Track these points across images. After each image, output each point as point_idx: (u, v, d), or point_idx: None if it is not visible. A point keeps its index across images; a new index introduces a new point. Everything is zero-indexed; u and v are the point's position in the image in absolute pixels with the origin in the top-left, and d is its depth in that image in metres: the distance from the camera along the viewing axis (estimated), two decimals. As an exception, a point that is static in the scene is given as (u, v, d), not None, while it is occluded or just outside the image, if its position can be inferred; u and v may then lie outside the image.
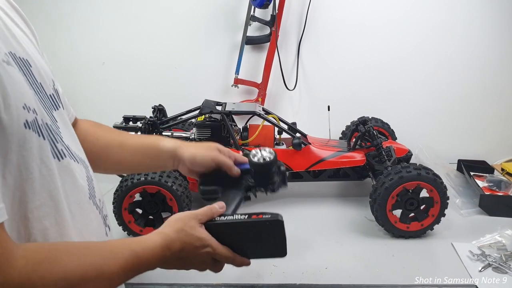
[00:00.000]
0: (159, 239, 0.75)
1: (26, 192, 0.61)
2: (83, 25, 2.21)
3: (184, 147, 0.96)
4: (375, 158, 1.82)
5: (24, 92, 0.62)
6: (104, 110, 2.12)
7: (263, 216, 0.79)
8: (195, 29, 2.21)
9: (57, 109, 0.74)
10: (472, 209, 1.81)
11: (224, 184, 0.94)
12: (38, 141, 0.62)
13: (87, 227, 0.73)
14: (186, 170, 0.96)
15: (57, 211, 0.66)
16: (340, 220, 1.75)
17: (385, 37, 2.20)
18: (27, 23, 0.78)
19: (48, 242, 0.64)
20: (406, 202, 1.58)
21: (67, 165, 0.70)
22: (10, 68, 0.60)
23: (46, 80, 0.73)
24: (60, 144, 0.69)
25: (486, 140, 2.32)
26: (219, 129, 1.78)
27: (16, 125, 0.58)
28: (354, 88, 2.27)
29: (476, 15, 2.15)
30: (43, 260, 0.58)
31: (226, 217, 0.81)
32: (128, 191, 1.54)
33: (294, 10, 2.17)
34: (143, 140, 0.99)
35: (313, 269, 1.41)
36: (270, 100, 2.26)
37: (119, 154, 0.94)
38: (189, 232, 0.77)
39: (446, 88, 2.26)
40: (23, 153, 0.60)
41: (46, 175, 0.64)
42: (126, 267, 0.67)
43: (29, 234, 0.62)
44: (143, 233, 1.57)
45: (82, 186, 0.73)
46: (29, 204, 0.61)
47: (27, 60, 0.69)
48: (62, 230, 0.67)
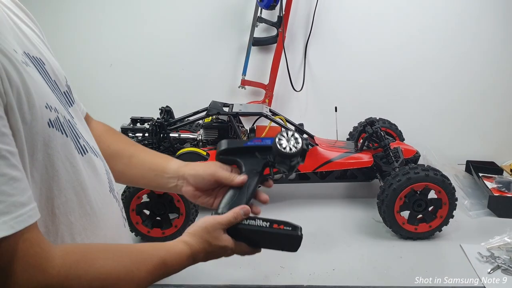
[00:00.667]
0: (186, 249, 0.77)
1: (52, 189, 0.63)
2: (91, 28, 2.23)
3: (189, 165, 0.94)
4: (382, 159, 1.82)
5: (45, 92, 0.63)
6: (112, 112, 2.13)
7: (284, 227, 0.83)
8: (202, 30, 2.21)
9: (71, 105, 0.76)
10: (480, 210, 1.80)
11: (242, 156, 0.92)
12: (61, 138, 0.64)
13: (109, 220, 0.75)
14: (190, 192, 0.93)
15: (81, 206, 0.67)
16: (347, 221, 1.74)
17: (392, 38, 2.19)
18: (34, 21, 0.79)
19: (83, 243, 0.67)
20: (414, 203, 1.57)
21: (89, 159, 0.72)
22: (29, 69, 0.62)
23: (59, 77, 0.74)
24: (81, 139, 0.71)
25: (494, 141, 2.30)
26: (226, 130, 1.78)
27: (41, 125, 0.60)
28: (361, 89, 2.26)
29: (487, 17, 2.14)
30: (79, 260, 0.60)
31: (248, 221, 0.83)
32: (135, 192, 1.54)
33: (301, 11, 2.17)
34: (153, 156, 0.98)
35: (321, 271, 1.41)
36: (277, 101, 2.26)
37: (126, 165, 0.94)
38: (213, 243, 0.80)
39: (454, 88, 2.25)
40: (49, 151, 0.61)
41: (71, 172, 0.65)
42: (154, 272, 0.70)
43: (57, 229, 0.64)
44: (150, 234, 1.58)
45: (103, 179, 0.76)
46: (56, 200, 0.63)
47: (41, 59, 0.70)
48: (86, 223, 0.68)
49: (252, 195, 0.89)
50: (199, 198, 0.93)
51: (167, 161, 0.95)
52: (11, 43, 0.61)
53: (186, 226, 1.59)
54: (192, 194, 0.93)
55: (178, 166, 0.94)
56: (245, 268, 1.40)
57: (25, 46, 0.67)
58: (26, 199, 0.55)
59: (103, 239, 0.72)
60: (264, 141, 0.91)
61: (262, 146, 0.91)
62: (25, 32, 0.70)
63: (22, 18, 0.74)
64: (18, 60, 0.59)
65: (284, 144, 0.87)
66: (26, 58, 0.64)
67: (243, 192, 0.88)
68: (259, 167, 0.90)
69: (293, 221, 0.81)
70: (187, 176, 0.92)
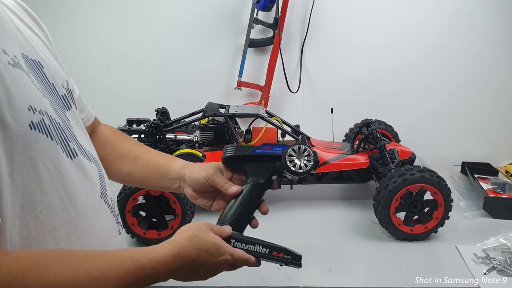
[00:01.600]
0: (169, 247, 0.70)
1: (35, 193, 0.61)
2: (86, 28, 2.22)
3: (189, 167, 0.93)
4: (378, 161, 1.82)
5: (30, 94, 0.62)
6: (108, 113, 2.11)
7: (284, 255, 0.81)
8: (198, 32, 2.21)
9: (69, 109, 0.75)
10: (476, 211, 1.80)
11: (249, 163, 0.88)
12: (45, 141, 0.63)
13: (98, 225, 0.72)
14: (189, 193, 0.92)
15: (66, 211, 0.65)
16: (343, 222, 1.74)
17: (388, 40, 2.20)
18: (39, 25, 0.79)
19: (42, 250, 0.62)
20: (410, 204, 1.57)
21: (79, 163, 0.70)
22: (16, 71, 0.61)
23: (58, 81, 0.74)
24: (72, 143, 0.70)
25: (490, 142, 2.31)
26: (222, 132, 1.78)
27: (21, 127, 0.59)
28: (357, 91, 2.27)
29: (481, 16, 2.15)
30: (30, 268, 0.56)
31: (247, 246, 0.81)
32: (131, 193, 1.54)
33: (297, 13, 2.18)
34: (158, 156, 0.98)
35: (317, 272, 1.41)
36: (273, 103, 2.26)
37: (132, 166, 0.94)
38: (202, 237, 0.74)
39: (449, 90, 2.26)
40: (30, 154, 0.60)
41: (55, 175, 0.64)
42: (128, 278, 0.63)
43: (39, 233, 0.62)
44: (146, 235, 1.57)
45: (94, 184, 0.74)
46: (38, 204, 0.62)
47: (39, 62, 0.70)
48: (71, 229, 0.66)
49: (255, 207, 0.86)
50: (198, 200, 0.93)
51: (170, 162, 0.95)
52: (1, 44, 0.61)
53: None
54: (191, 195, 0.93)
55: (180, 167, 0.93)
56: (241, 270, 1.39)
57: (24, 48, 0.67)
58: None
59: (89, 245, 0.69)
60: (274, 150, 0.87)
61: (271, 155, 0.87)
62: (25, 35, 0.71)
63: (26, 22, 0.75)
64: (3, 61, 0.59)
65: (295, 161, 0.84)
66: (20, 60, 0.63)
67: (245, 204, 0.85)
68: (266, 177, 0.87)
69: (289, 222, 0.81)
70: (185, 178, 0.92)
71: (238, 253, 0.79)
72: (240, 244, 0.81)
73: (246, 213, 0.85)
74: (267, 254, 0.81)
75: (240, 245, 0.81)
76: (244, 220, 0.85)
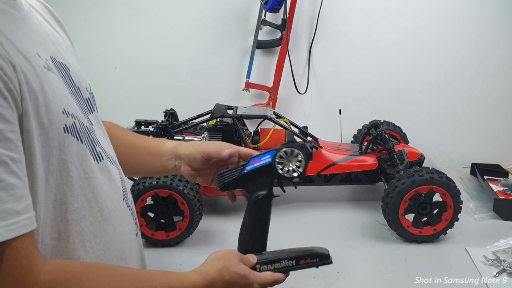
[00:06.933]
0: (200, 278, 0.70)
1: (66, 195, 0.62)
2: (95, 31, 2.23)
3: (183, 144, 0.93)
4: (387, 162, 1.81)
5: (63, 97, 0.63)
6: (116, 115, 2.12)
7: (311, 260, 0.80)
8: (206, 33, 2.22)
9: (92, 112, 0.76)
10: (486, 213, 1.79)
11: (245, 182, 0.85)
12: (76, 145, 0.64)
13: (121, 228, 0.73)
14: (188, 172, 0.91)
15: (93, 213, 0.67)
16: (351, 224, 1.74)
17: (397, 40, 2.19)
18: (63, 27, 0.80)
19: (80, 261, 0.64)
20: (418, 206, 1.57)
21: (105, 167, 0.71)
22: (50, 74, 0.62)
23: (82, 84, 0.75)
24: (98, 146, 0.71)
25: (500, 143, 2.29)
26: (230, 133, 1.78)
27: (57, 130, 0.60)
28: (365, 92, 2.26)
29: (489, 17, 2.14)
30: (68, 279, 0.57)
31: (274, 265, 0.79)
32: (140, 195, 1.55)
33: (305, 14, 2.17)
34: (149, 140, 1.00)
35: (325, 274, 1.41)
36: (281, 104, 2.26)
37: (127, 154, 0.93)
38: (232, 269, 0.74)
39: (458, 91, 2.24)
40: (63, 157, 0.61)
41: (84, 178, 0.65)
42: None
43: (68, 235, 0.63)
44: (154, 237, 1.58)
45: (117, 187, 0.75)
46: (69, 206, 0.63)
47: (66, 65, 0.70)
48: (96, 231, 0.67)
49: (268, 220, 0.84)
50: (198, 178, 0.93)
51: (162, 143, 0.95)
52: (35, 47, 0.62)
53: (190, 229, 1.59)
54: (190, 174, 0.91)
55: (172, 146, 0.93)
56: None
57: (52, 51, 0.68)
58: (22, 207, 0.53)
59: (111, 248, 0.70)
60: (263, 159, 0.83)
61: (261, 167, 0.83)
62: (53, 37, 0.71)
63: (52, 24, 0.75)
64: (39, 64, 0.60)
65: (286, 166, 0.82)
66: (51, 63, 0.64)
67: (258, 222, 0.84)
68: (266, 188, 0.84)
69: (297, 224, 0.80)
70: (182, 156, 0.91)
71: (266, 278, 0.78)
72: (266, 266, 0.79)
73: (262, 230, 0.84)
74: (295, 265, 0.80)
75: (267, 267, 0.79)
76: (263, 238, 0.84)
